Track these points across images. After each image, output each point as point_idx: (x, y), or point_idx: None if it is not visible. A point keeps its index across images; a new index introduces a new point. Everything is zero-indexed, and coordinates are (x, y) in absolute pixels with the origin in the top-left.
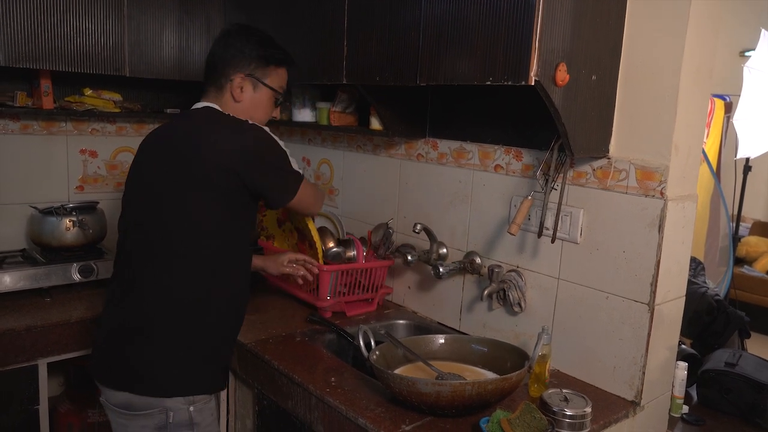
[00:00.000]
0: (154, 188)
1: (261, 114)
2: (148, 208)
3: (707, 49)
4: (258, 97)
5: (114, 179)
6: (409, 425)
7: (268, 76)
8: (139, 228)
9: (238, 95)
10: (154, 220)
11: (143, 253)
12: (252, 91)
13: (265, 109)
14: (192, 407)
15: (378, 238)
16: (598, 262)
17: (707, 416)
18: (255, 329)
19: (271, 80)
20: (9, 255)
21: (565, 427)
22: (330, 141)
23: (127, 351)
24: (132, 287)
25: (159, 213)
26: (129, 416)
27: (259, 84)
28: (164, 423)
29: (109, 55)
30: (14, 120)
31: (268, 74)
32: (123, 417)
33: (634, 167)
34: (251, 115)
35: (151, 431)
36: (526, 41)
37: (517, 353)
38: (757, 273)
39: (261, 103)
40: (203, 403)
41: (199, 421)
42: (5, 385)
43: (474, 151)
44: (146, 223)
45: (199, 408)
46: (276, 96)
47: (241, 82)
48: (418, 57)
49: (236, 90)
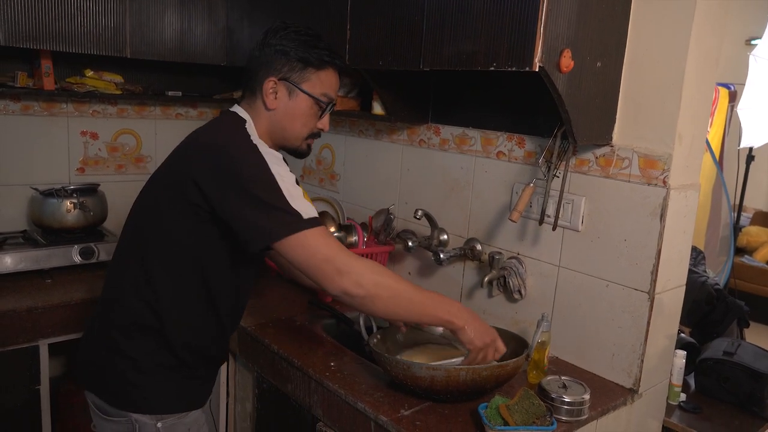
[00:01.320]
0: (150, 191)
1: (298, 125)
2: (136, 211)
3: (714, 37)
4: (294, 105)
5: (115, 161)
6: (407, 410)
7: (307, 81)
8: (128, 231)
9: (270, 102)
10: (137, 228)
11: (123, 253)
12: (287, 98)
13: (303, 119)
14: (160, 423)
15: (379, 224)
16: (599, 250)
17: (704, 404)
18: (255, 313)
19: (311, 86)
20: (10, 236)
21: (564, 413)
22: (332, 125)
23: (100, 357)
24: (110, 290)
25: (139, 217)
26: (102, 418)
27: (296, 89)
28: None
29: (111, 36)
30: (15, 101)
31: (307, 78)
32: (97, 417)
33: (637, 155)
34: (286, 125)
35: None
36: (530, 27)
37: (517, 341)
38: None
39: (298, 112)
40: (176, 418)
41: None
42: (7, 365)
43: (476, 137)
44: (132, 229)
45: (170, 424)
46: (319, 104)
47: (274, 87)
48: (421, 41)
49: (269, 96)
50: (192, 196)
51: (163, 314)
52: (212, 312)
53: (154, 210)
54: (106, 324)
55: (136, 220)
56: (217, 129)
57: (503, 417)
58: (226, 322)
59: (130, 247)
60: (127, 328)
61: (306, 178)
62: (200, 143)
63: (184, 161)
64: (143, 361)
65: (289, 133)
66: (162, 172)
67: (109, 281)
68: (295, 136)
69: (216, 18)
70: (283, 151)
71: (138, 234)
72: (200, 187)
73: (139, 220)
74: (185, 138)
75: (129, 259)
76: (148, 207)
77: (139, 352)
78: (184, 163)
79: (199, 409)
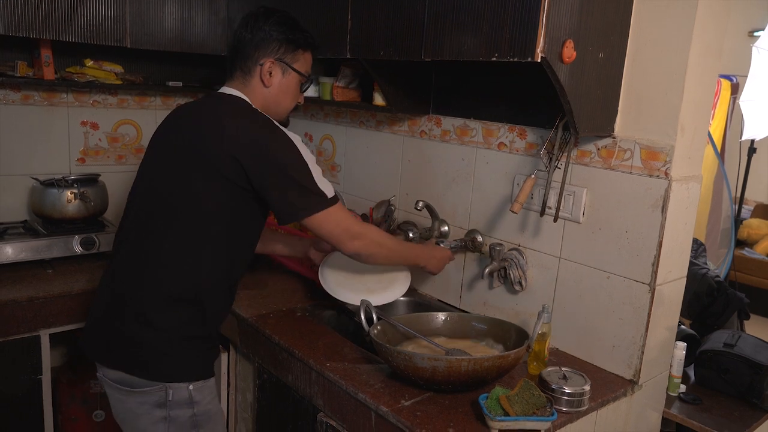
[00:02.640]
0: (165, 165)
1: (288, 100)
2: (156, 186)
3: (717, 28)
4: (286, 82)
5: (115, 152)
6: (408, 400)
7: (297, 61)
8: (145, 208)
9: (267, 80)
10: (161, 203)
11: (144, 232)
12: (281, 76)
13: (292, 95)
14: (192, 386)
15: (380, 215)
16: (600, 241)
17: (704, 396)
18: (256, 304)
19: (299, 65)
20: (10, 226)
21: (564, 404)
22: (333, 116)
23: (126, 332)
24: (130, 267)
25: (165, 191)
26: (127, 392)
27: (288, 68)
28: (164, 401)
29: (111, 26)
30: (15, 90)
31: (297, 58)
32: (121, 393)
33: (639, 147)
34: (280, 101)
35: (150, 407)
36: (533, 17)
37: (518, 332)
38: (758, 255)
39: (289, 88)
40: (203, 382)
41: (198, 400)
42: (8, 354)
43: (477, 128)
44: (152, 205)
45: (199, 387)
46: (302, 81)
47: (270, 67)
48: (423, 31)
49: (266, 75)
50: (234, 176)
51: (196, 285)
52: (228, 283)
53: (183, 187)
54: (133, 301)
55: (160, 197)
56: (241, 115)
57: (504, 407)
58: (234, 292)
59: (157, 223)
60: (160, 302)
61: None
62: (233, 130)
63: (216, 144)
64: (175, 332)
65: (282, 107)
66: (185, 154)
67: (129, 258)
68: (284, 110)
69: (216, 8)
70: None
71: (167, 209)
72: (246, 171)
73: (165, 197)
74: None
75: (157, 234)
76: (176, 185)
77: (172, 324)
78: (216, 146)
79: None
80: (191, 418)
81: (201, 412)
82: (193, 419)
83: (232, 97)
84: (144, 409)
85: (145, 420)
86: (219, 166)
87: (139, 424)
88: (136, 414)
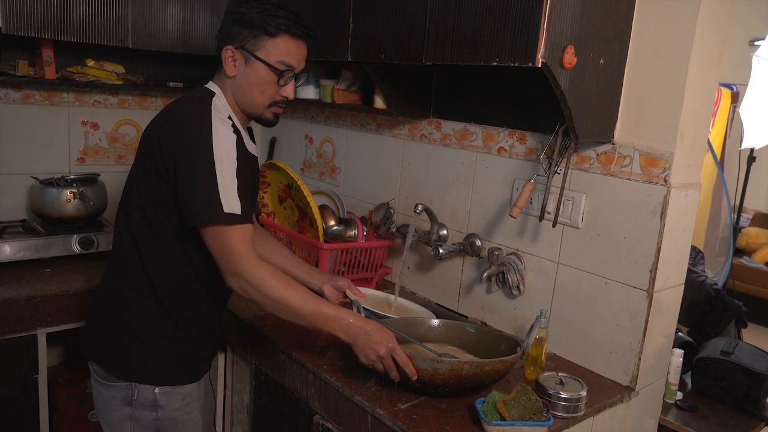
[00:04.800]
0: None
1: (256, 92)
2: (126, 186)
3: (718, 36)
4: (249, 73)
5: (115, 152)
6: (404, 403)
7: (261, 48)
8: (119, 206)
9: (230, 70)
10: (123, 199)
11: (117, 229)
12: (243, 66)
13: (260, 87)
14: (157, 389)
15: (379, 218)
16: (599, 247)
17: (701, 403)
18: (253, 305)
19: (265, 53)
20: (9, 225)
21: (560, 409)
22: (333, 119)
23: (106, 327)
24: (111, 264)
25: (125, 192)
26: (103, 384)
27: (251, 57)
28: (130, 399)
29: (113, 26)
30: (16, 89)
31: (261, 45)
32: (99, 384)
33: (639, 153)
34: (245, 92)
35: (119, 403)
36: (534, 22)
37: (509, 341)
38: (756, 264)
39: (254, 79)
40: (172, 388)
41: (164, 404)
42: (5, 353)
43: (478, 132)
44: (121, 202)
45: (167, 391)
46: (275, 72)
47: (231, 55)
48: (424, 35)
49: (228, 64)
50: (159, 165)
51: (156, 283)
52: (198, 279)
53: (133, 180)
54: (113, 300)
55: (123, 193)
56: (184, 103)
57: (500, 412)
58: (214, 291)
59: (123, 222)
60: (129, 300)
61: (306, 172)
62: (167, 116)
63: (154, 132)
64: (144, 331)
65: (249, 101)
66: (139, 145)
67: (112, 255)
68: (255, 105)
69: (218, 9)
70: (252, 120)
71: (125, 204)
72: (163, 157)
73: (125, 192)
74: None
75: (123, 233)
76: (130, 179)
77: (141, 322)
78: (153, 134)
79: (194, 383)
80: (154, 422)
81: (166, 417)
82: (157, 423)
83: (201, 89)
84: (114, 405)
85: (115, 415)
86: (152, 156)
87: (111, 418)
88: (108, 408)
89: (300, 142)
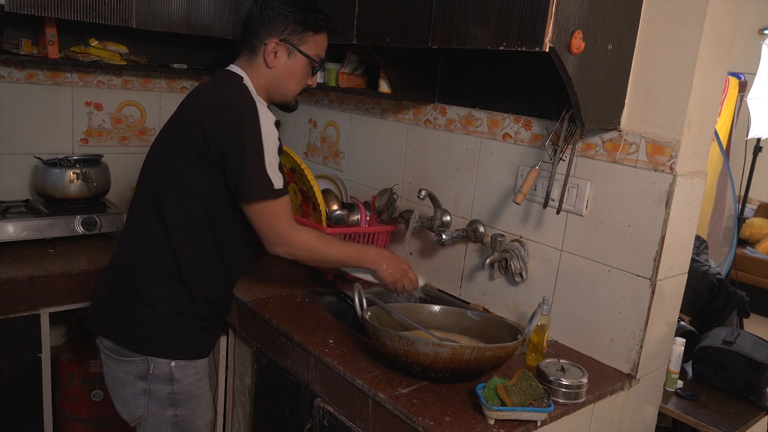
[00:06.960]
0: (158, 145)
1: (294, 83)
2: (149, 167)
3: (728, 23)
4: (291, 65)
5: (119, 133)
6: (405, 388)
7: (305, 43)
8: (141, 186)
9: (271, 61)
10: (150, 179)
11: (140, 209)
12: (286, 58)
13: (298, 78)
14: (173, 363)
15: (382, 203)
16: (603, 235)
17: (701, 392)
18: (256, 288)
19: (308, 47)
20: (13, 205)
21: (561, 396)
22: (337, 103)
23: (120, 303)
24: (129, 243)
25: (153, 172)
26: (116, 360)
27: (295, 51)
28: (145, 373)
29: (116, 6)
30: (19, 68)
31: (305, 40)
32: (111, 360)
33: (645, 141)
34: (283, 83)
35: (133, 378)
36: (542, 6)
37: (510, 328)
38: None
39: (295, 71)
40: (187, 361)
41: (179, 378)
42: (8, 332)
43: (483, 118)
44: (145, 182)
45: (182, 365)
46: (313, 64)
47: (275, 48)
48: (430, 18)
49: (269, 55)
50: (199, 144)
51: (180, 260)
52: (220, 258)
53: (166, 160)
54: (128, 275)
55: (150, 173)
56: (222, 86)
57: (501, 397)
58: (235, 275)
59: (147, 199)
60: (149, 276)
61: (310, 156)
62: (206, 99)
63: (193, 113)
64: (163, 308)
65: (285, 90)
66: (171, 127)
67: (130, 235)
68: (289, 93)
69: None
70: (274, 105)
71: (153, 184)
72: (206, 139)
73: (153, 172)
74: (189, 96)
75: (148, 215)
76: (160, 159)
77: (160, 299)
78: (193, 115)
79: (206, 358)
80: (169, 395)
81: (180, 390)
82: (172, 396)
83: (229, 73)
84: (129, 380)
85: (129, 390)
86: (190, 138)
87: (124, 393)
88: (122, 383)
89: (304, 126)
